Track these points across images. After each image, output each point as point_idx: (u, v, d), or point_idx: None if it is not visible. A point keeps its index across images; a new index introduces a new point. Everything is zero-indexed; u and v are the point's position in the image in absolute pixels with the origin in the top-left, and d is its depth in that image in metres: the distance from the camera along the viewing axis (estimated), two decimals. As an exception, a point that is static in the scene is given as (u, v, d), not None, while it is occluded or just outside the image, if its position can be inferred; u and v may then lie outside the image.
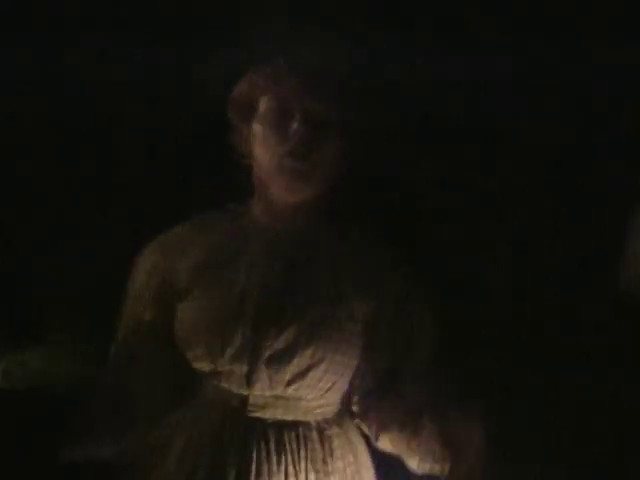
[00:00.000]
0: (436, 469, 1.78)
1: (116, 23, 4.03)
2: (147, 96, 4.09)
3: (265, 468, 1.73)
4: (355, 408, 1.83)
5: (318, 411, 1.78)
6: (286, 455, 1.75)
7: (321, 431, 1.78)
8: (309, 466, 1.76)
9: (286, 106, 1.73)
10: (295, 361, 1.72)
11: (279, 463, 1.74)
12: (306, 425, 1.77)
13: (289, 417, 1.76)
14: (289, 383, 1.73)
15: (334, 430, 1.80)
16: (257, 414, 1.75)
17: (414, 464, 1.81)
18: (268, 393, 1.74)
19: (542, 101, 4.79)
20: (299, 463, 1.75)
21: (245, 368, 1.73)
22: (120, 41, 3.99)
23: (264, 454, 1.74)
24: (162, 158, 3.80)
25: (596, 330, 3.93)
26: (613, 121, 4.84)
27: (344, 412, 1.83)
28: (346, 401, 1.82)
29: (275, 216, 1.80)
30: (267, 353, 1.72)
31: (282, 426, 1.75)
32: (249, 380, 1.74)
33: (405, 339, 1.80)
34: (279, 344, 1.72)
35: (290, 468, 1.74)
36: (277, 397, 1.74)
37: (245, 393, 1.75)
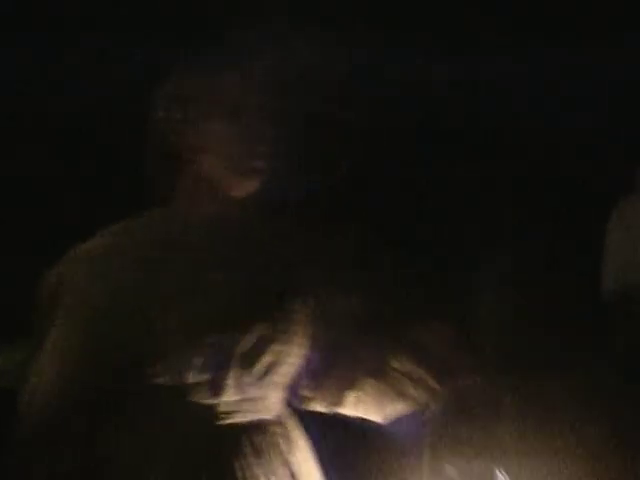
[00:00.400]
0: (417, 396, 1.83)
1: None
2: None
3: (248, 474, 1.72)
4: (306, 391, 1.85)
5: (277, 406, 1.80)
6: (262, 456, 1.75)
7: (282, 425, 1.81)
8: (282, 461, 1.78)
9: (245, 105, 1.73)
10: (262, 360, 1.72)
11: (258, 465, 1.74)
12: (270, 422, 1.78)
13: (255, 417, 1.75)
14: (257, 383, 1.73)
15: (290, 421, 1.83)
16: (227, 421, 1.72)
17: (384, 413, 1.85)
18: (236, 398, 1.72)
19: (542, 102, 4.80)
20: (274, 460, 1.76)
21: (214, 376, 1.70)
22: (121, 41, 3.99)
23: (242, 460, 1.73)
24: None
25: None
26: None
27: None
28: (293, 388, 1.84)
29: (216, 212, 1.78)
30: (236, 357, 1.70)
31: (251, 428, 1.75)
32: (218, 388, 1.71)
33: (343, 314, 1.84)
34: (246, 346, 1.71)
35: (267, 467, 1.75)
36: (244, 400, 1.73)
37: (214, 402, 1.72)
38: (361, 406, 1.88)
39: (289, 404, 1.88)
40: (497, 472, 1.82)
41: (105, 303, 1.71)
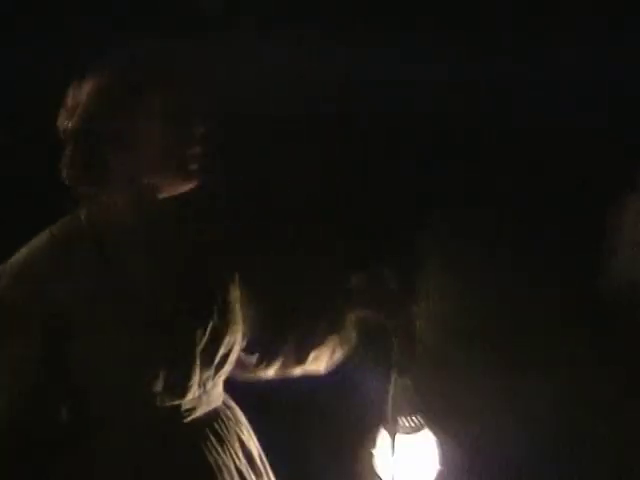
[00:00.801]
0: (352, 337, 1.89)
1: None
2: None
3: (220, 463, 1.76)
4: (254, 360, 1.89)
5: (222, 391, 1.83)
6: (225, 443, 1.79)
7: (229, 408, 1.84)
8: (239, 443, 1.82)
9: (184, 106, 1.69)
10: (220, 352, 1.75)
11: (224, 452, 1.78)
12: (221, 409, 1.81)
13: (211, 408, 1.78)
14: (214, 376, 1.76)
15: (230, 401, 1.86)
16: (190, 417, 1.75)
17: (329, 361, 1.92)
18: (197, 393, 1.74)
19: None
20: (235, 444, 1.81)
21: (178, 378, 1.70)
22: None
23: (212, 451, 1.76)
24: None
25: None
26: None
27: None
28: (239, 366, 1.87)
29: (146, 216, 1.73)
30: (198, 355, 1.72)
31: (209, 418, 1.78)
32: (184, 388, 1.72)
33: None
34: (204, 342, 1.73)
35: (232, 452, 1.79)
36: (202, 394, 1.76)
37: (177, 402, 1.72)
38: (316, 362, 1.93)
39: (233, 379, 1.91)
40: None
41: (55, 319, 1.65)
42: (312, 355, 1.91)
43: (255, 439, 1.90)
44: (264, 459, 1.91)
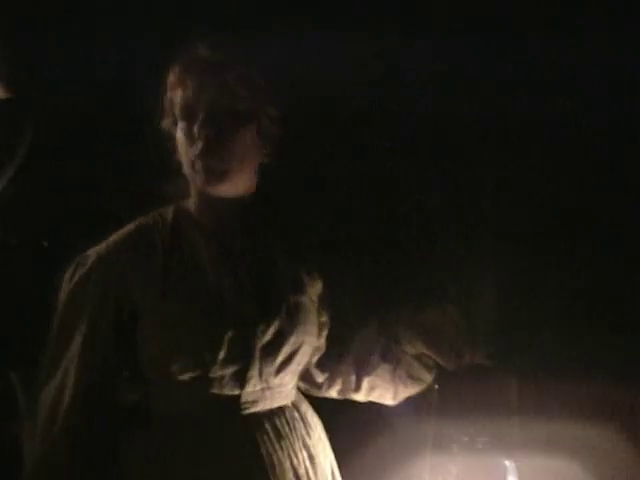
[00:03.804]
0: (425, 378, 1.92)
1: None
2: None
3: (274, 458, 1.80)
4: (321, 379, 1.95)
5: (292, 392, 1.88)
6: (284, 440, 1.83)
7: (298, 409, 1.88)
8: (301, 443, 1.86)
9: (191, 105, 1.73)
10: (283, 350, 1.80)
11: (282, 450, 1.81)
12: (287, 408, 1.86)
13: (275, 405, 1.83)
14: (277, 373, 1.81)
15: (304, 405, 1.91)
16: (250, 410, 1.80)
17: (395, 395, 1.95)
18: (258, 387, 1.79)
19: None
20: (295, 443, 1.84)
21: (238, 369, 1.77)
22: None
23: (269, 446, 1.80)
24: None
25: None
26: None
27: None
28: (307, 378, 1.94)
29: (215, 212, 1.81)
30: (259, 349, 1.77)
31: (272, 415, 1.82)
32: (243, 379, 1.77)
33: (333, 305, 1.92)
34: (267, 338, 1.78)
35: (290, 450, 1.83)
36: (264, 389, 1.80)
37: (237, 393, 1.78)
38: (374, 391, 1.97)
39: (304, 392, 1.96)
40: (506, 463, 1.83)
41: (126, 304, 1.76)
42: (366, 384, 1.95)
43: (328, 447, 1.93)
44: (335, 470, 1.94)
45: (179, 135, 1.76)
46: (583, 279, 3.98)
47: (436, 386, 1.88)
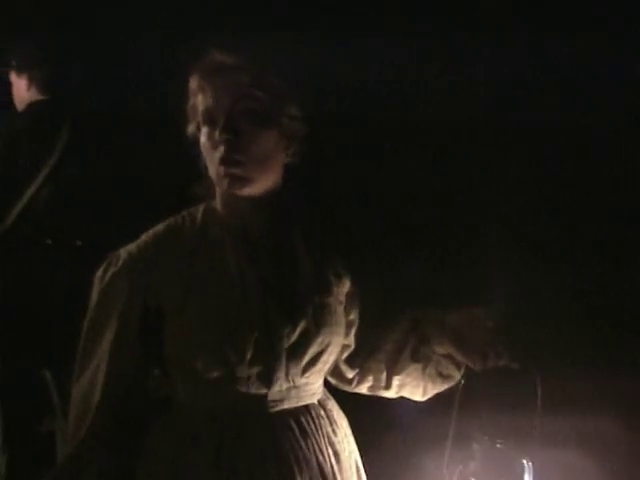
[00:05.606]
0: (455, 375, 1.91)
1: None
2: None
3: (300, 455, 1.82)
4: (351, 375, 1.96)
5: (319, 391, 1.89)
6: (310, 438, 1.85)
7: (324, 408, 1.90)
8: (327, 441, 1.88)
9: (211, 110, 1.75)
10: (309, 351, 1.81)
11: (307, 447, 1.83)
12: (313, 406, 1.88)
13: (301, 403, 1.85)
14: (304, 372, 1.82)
15: (330, 403, 1.93)
16: (276, 408, 1.81)
17: (424, 392, 1.96)
18: (285, 387, 1.81)
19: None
20: (321, 441, 1.86)
21: (265, 368, 1.78)
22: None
23: (294, 443, 1.82)
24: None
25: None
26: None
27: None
28: (336, 373, 1.96)
29: (241, 212, 1.82)
30: (285, 350, 1.79)
31: (298, 413, 1.84)
32: (269, 379, 1.79)
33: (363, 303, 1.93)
34: (294, 338, 1.80)
35: (316, 448, 1.85)
36: (290, 388, 1.82)
37: (264, 392, 1.79)
38: (404, 389, 1.97)
39: (335, 387, 1.98)
40: (524, 462, 1.84)
41: (153, 300, 1.78)
42: (396, 381, 1.96)
43: (353, 444, 1.95)
44: (360, 467, 1.96)
45: (203, 140, 1.77)
46: (605, 280, 3.99)
47: (462, 381, 1.88)
